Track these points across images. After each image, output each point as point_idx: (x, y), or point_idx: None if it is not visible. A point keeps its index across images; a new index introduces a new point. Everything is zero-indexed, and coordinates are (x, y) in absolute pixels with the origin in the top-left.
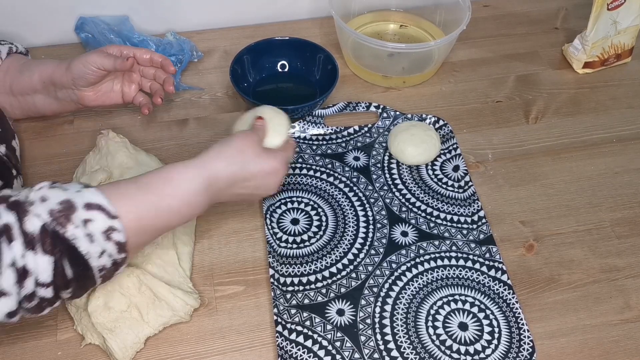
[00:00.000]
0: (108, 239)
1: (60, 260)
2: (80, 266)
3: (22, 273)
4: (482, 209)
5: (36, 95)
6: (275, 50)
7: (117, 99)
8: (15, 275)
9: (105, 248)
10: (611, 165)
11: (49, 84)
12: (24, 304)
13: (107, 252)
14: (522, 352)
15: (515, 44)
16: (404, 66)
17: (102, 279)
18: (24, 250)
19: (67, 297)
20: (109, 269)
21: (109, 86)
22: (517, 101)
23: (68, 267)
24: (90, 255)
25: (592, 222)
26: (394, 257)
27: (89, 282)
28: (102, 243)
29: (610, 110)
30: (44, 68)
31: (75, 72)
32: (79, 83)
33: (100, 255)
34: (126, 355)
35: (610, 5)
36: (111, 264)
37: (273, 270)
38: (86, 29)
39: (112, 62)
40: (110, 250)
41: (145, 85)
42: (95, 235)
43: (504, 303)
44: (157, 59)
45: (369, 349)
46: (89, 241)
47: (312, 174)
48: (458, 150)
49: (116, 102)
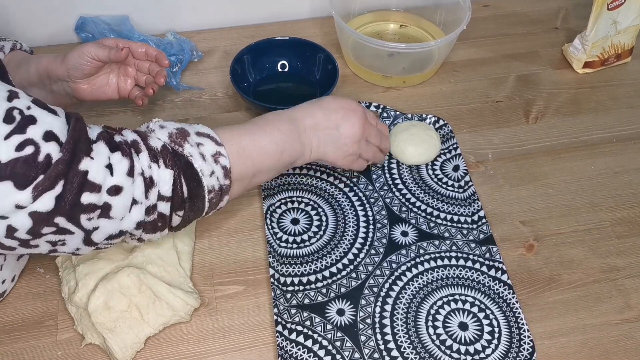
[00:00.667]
0: (216, 162)
1: (179, 175)
2: (194, 181)
3: (148, 182)
4: (482, 209)
5: (31, 89)
6: (275, 50)
7: (113, 94)
8: (143, 184)
9: (214, 170)
10: (611, 165)
11: (45, 77)
12: (144, 216)
13: (216, 174)
14: (522, 352)
15: (515, 44)
16: (404, 66)
17: (210, 204)
18: (150, 162)
19: (177, 222)
20: (216, 192)
21: (104, 80)
22: (517, 101)
23: (184, 183)
24: (203, 173)
25: (592, 222)
26: (394, 257)
27: (199, 204)
28: (212, 164)
29: (610, 110)
30: (40, 61)
31: (70, 62)
32: (74, 74)
33: (211, 175)
34: (126, 355)
35: (610, 5)
36: (218, 187)
37: (273, 270)
38: (86, 28)
39: (107, 52)
40: (218, 173)
41: (140, 80)
42: (207, 156)
43: (504, 303)
44: (152, 52)
45: (369, 349)
46: (202, 159)
47: (312, 173)
48: (458, 150)
49: (111, 96)
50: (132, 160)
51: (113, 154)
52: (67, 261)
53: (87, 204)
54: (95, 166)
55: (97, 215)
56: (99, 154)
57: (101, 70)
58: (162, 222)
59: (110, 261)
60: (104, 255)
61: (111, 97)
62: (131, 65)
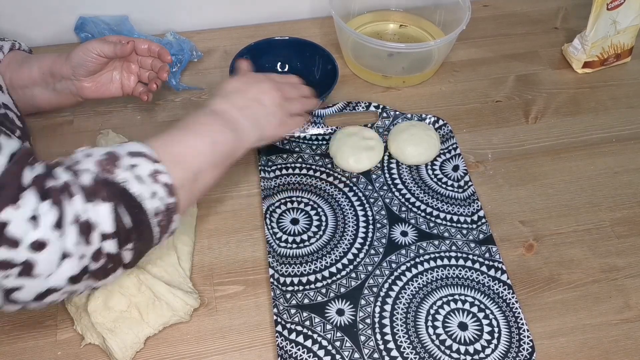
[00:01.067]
0: (155, 181)
1: (117, 206)
2: (136, 208)
3: (85, 229)
4: (482, 209)
5: (35, 88)
6: (275, 50)
7: (117, 91)
8: (77, 233)
9: (155, 190)
10: (611, 165)
11: (48, 75)
12: (90, 265)
13: (158, 194)
14: (522, 351)
15: (515, 44)
16: (403, 66)
17: (160, 228)
18: (84, 203)
19: (129, 257)
20: (164, 213)
21: (107, 77)
22: (517, 101)
23: (125, 213)
24: (143, 197)
25: (592, 222)
26: (394, 257)
27: (147, 231)
28: (151, 185)
29: (610, 110)
30: (43, 60)
31: (75, 60)
32: (79, 72)
33: (153, 197)
34: (126, 355)
35: (610, 5)
36: (164, 207)
37: (273, 270)
38: (86, 29)
39: (112, 47)
40: (160, 192)
41: (143, 76)
42: (144, 177)
43: (503, 303)
44: (154, 48)
45: (368, 349)
46: (138, 182)
47: (312, 173)
48: (458, 150)
49: (115, 94)
50: (62, 209)
51: (42, 202)
52: None
53: (1, 261)
54: (17, 218)
55: (16, 273)
56: (25, 203)
57: (105, 67)
58: (112, 262)
59: None
60: None
61: (115, 95)
62: (134, 62)
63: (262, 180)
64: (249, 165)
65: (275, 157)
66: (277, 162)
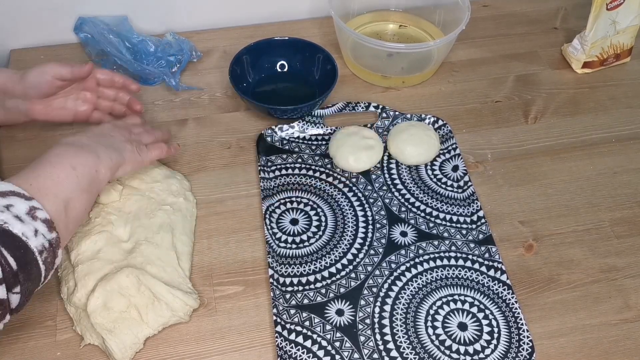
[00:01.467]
0: (34, 218)
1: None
2: (20, 249)
3: None
4: (482, 209)
5: None
6: (274, 51)
7: (68, 117)
8: None
9: (37, 227)
10: (610, 165)
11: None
12: None
13: (40, 231)
14: (522, 352)
15: (514, 44)
16: (403, 66)
17: (45, 265)
18: None
19: (17, 301)
20: (48, 250)
21: (60, 102)
22: (517, 101)
23: (9, 255)
24: (27, 236)
25: (592, 222)
26: (394, 257)
27: (35, 270)
28: (32, 222)
29: (610, 110)
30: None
31: (29, 81)
32: (31, 93)
33: (36, 235)
34: (125, 355)
35: (610, 5)
36: (48, 243)
37: (272, 270)
38: (85, 29)
39: (70, 69)
40: (41, 229)
41: (102, 105)
42: (22, 215)
43: (503, 303)
44: (118, 80)
45: (368, 349)
46: (19, 222)
47: (312, 174)
48: (457, 150)
49: (66, 119)
50: None
51: None
52: (66, 262)
53: None
54: None
55: None
56: None
57: (59, 93)
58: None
59: (110, 262)
60: (103, 255)
61: (65, 120)
62: (92, 91)
63: (261, 181)
64: (248, 165)
65: (275, 157)
66: (277, 162)
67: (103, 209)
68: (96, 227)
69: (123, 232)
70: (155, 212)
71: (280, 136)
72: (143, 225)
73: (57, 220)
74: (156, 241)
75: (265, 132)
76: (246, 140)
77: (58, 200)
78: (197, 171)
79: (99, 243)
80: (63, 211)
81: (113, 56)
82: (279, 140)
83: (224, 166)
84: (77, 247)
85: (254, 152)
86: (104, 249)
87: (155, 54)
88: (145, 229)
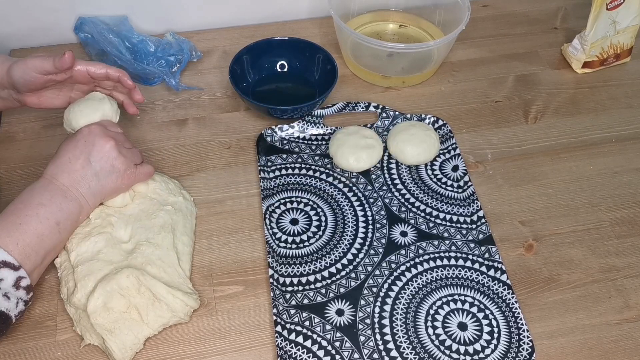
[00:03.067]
0: (18, 288)
1: None
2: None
3: None
4: (482, 209)
5: None
6: (274, 50)
7: (62, 104)
8: None
9: (19, 296)
10: (610, 165)
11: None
12: None
13: (21, 298)
14: (522, 352)
15: (514, 44)
16: (403, 66)
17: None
18: None
19: None
20: (22, 311)
21: (54, 93)
22: (516, 101)
23: None
24: (9, 309)
25: (592, 222)
26: (394, 257)
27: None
28: (15, 294)
29: (610, 110)
30: None
31: (15, 80)
32: (20, 88)
33: (17, 305)
34: (125, 355)
35: (610, 5)
36: (23, 305)
37: (272, 270)
38: (85, 29)
39: (51, 62)
40: (21, 295)
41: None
42: (9, 290)
43: (503, 303)
44: (113, 74)
45: (368, 349)
46: (5, 300)
47: (312, 174)
48: (457, 150)
49: (61, 105)
50: None
51: None
52: (65, 262)
53: None
54: None
55: None
56: None
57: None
58: None
59: (110, 262)
60: (103, 256)
61: (60, 107)
62: (88, 83)
63: (261, 181)
64: (248, 165)
65: (275, 157)
66: (277, 162)
67: (104, 210)
68: (96, 228)
69: (124, 233)
70: (157, 212)
71: (280, 136)
72: (144, 226)
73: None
74: (157, 242)
75: (265, 132)
76: (246, 140)
77: (39, 257)
78: (197, 171)
79: (98, 244)
80: (40, 262)
81: (113, 56)
82: (279, 140)
83: (224, 166)
84: (77, 248)
85: (254, 152)
86: (103, 250)
87: (155, 54)
88: (147, 230)
